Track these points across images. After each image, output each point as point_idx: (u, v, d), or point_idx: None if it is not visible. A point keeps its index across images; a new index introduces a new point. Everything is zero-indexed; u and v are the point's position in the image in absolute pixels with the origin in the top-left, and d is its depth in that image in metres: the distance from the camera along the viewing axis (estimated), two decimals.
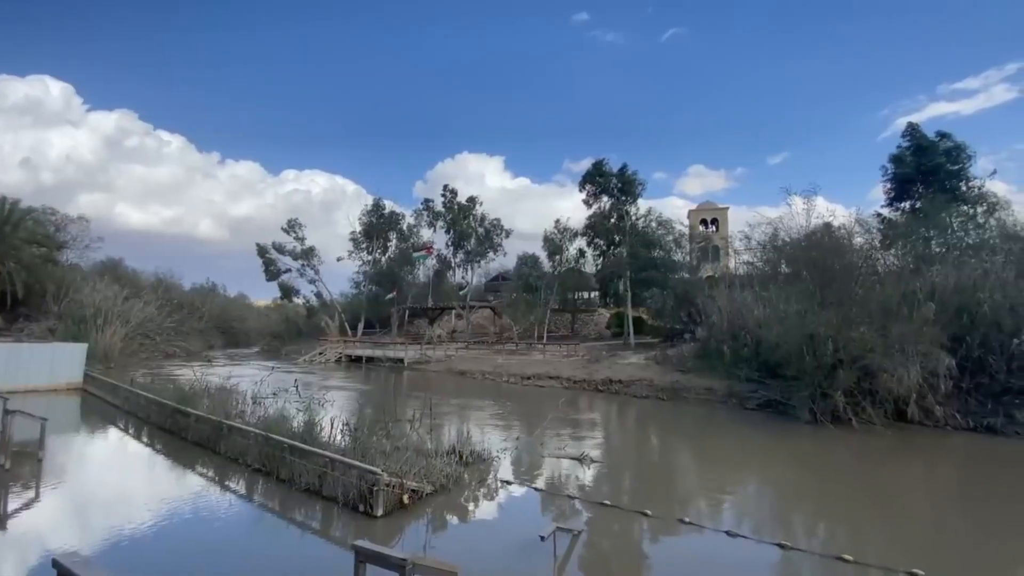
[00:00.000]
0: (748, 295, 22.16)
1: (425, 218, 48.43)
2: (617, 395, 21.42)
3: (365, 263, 48.31)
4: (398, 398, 18.81)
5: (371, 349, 35.26)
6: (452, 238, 46.73)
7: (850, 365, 14.13)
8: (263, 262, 46.09)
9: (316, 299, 48.98)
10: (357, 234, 47.98)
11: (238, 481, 9.30)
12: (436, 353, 33.25)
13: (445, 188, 47.46)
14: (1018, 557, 6.92)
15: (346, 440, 9.38)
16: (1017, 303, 14.71)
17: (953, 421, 13.83)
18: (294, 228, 46.37)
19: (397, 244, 48.77)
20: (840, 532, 7.70)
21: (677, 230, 35.89)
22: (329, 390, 20.53)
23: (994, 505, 9.09)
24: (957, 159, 26.74)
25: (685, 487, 10.36)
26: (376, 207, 48.19)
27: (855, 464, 11.76)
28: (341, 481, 7.73)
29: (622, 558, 6.96)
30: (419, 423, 10.77)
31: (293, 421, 10.22)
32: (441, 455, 9.29)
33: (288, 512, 8.03)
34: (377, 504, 7.18)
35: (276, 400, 14.41)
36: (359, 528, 7.13)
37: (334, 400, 16.79)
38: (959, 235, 21.01)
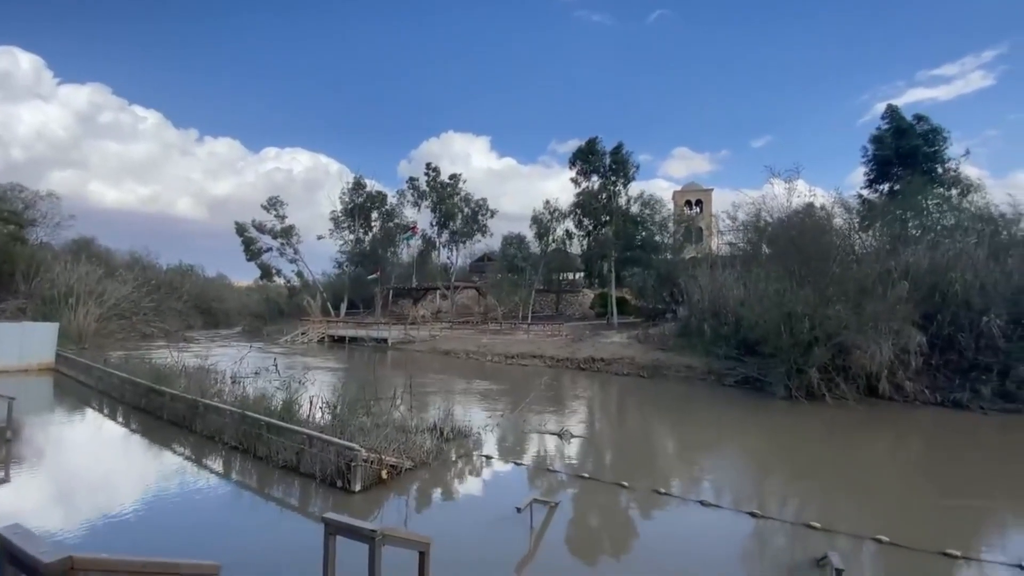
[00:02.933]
0: (729, 275, 22.43)
1: (409, 197, 47.76)
2: (599, 373, 21.66)
3: (347, 243, 47.60)
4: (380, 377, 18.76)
5: (354, 329, 35.00)
6: (437, 217, 46.23)
7: (825, 342, 14.47)
8: (242, 241, 45.10)
9: (298, 279, 48.27)
10: (338, 213, 47.16)
11: (215, 459, 9.23)
12: (420, 333, 33.17)
13: (428, 166, 46.76)
14: (975, 523, 7.21)
15: (325, 418, 9.34)
16: (987, 283, 15.12)
17: (922, 396, 14.29)
18: (275, 206, 45.33)
19: (380, 224, 48.09)
20: (811, 501, 7.93)
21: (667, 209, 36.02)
22: (310, 370, 20.35)
23: (956, 476, 9.46)
24: (933, 142, 27.15)
25: (663, 460, 10.58)
26: (358, 185, 47.31)
27: (827, 437, 12.12)
28: (319, 458, 7.70)
29: (598, 527, 7.10)
30: (400, 401, 10.75)
31: (272, 400, 10.14)
32: (422, 432, 9.31)
33: (266, 489, 8.00)
34: (355, 480, 7.18)
35: (256, 379, 14.32)
36: (337, 503, 7.14)
37: (315, 379, 16.66)
38: (935, 216, 21.42)
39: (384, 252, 47.12)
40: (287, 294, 48.88)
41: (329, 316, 42.51)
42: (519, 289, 39.23)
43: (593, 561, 6.10)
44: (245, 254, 45.37)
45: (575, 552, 6.26)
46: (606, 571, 5.91)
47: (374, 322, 37.84)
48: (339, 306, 46.12)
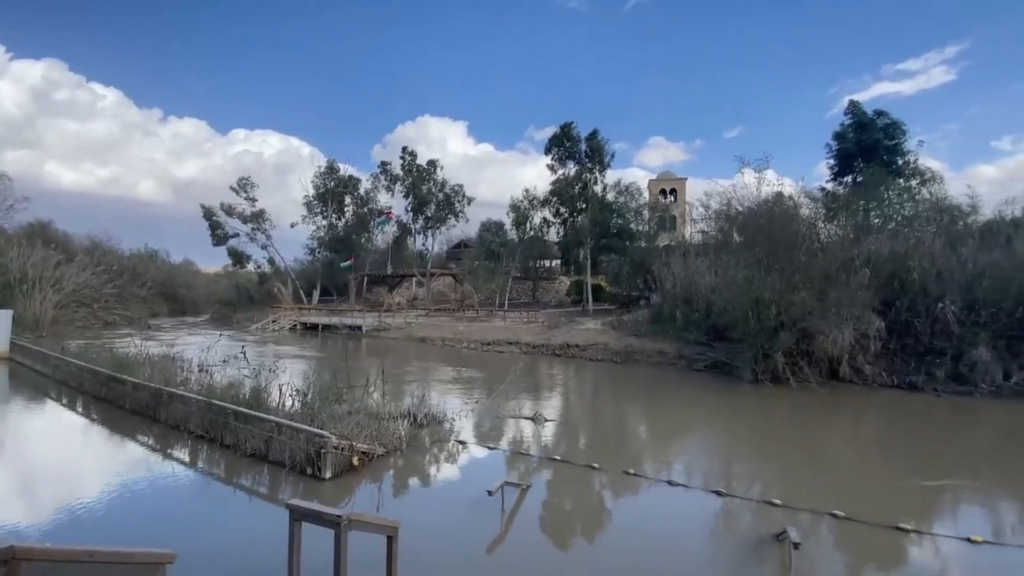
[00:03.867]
0: (701, 263, 22.88)
1: (383, 182, 46.94)
2: (574, 359, 21.91)
3: (320, 228, 46.64)
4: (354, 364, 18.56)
5: (327, 317, 34.45)
6: (412, 203, 45.61)
7: (790, 328, 14.96)
8: (209, 225, 43.70)
9: (269, 265, 47.13)
10: (311, 198, 46.08)
11: (181, 448, 9.03)
12: (395, 320, 32.88)
13: (404, 150, 45.96)
14: (926, 499, 7.61)
15: (295, 406, 9.21)
16: (943, 270, 15.81)
17: (880, 379, 14.94)
18: (244, 188, 43.93)
19: (354, 209, 47.20)
20: (774, 480, 8.23)
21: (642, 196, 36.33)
22: (282, 357, 20.04)
23: (910, 454, 9.93)
24: (893, 135, 28.08)
25: (634, 442, 10.81)
26: (331, 170, 46.24)
27: (790, 419, 12.58)
28: (288, 445, 7.60)
29: (568, 508, 7.23)
30: (374, 387, 10.67)
31: (241, 388, 9.93)
32: (395, 418, 9.27)
33: (233, 477, 7.87)
34: (325, 467, 7.12)
35: (224, 367, 14.00)
36: (307, 490, 7.07)
37: (286, 367, 16.38)
38: (895, 207, 22.21)
39: (358, 238, 46.38)
40: (257, 281, 47.74)
41: (301, 303, 41.74)
42: (496, 276, 39.18)
43: (563, 540, 6.22)
44: (212, 239, 44.03)
45: (546, 532, 6.37)
46: (576, 549, 6.03)
47: (348, 309, 37.32)
48: (312, 293, 45.31)
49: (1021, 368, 13.96)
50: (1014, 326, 14.44)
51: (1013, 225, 18.15)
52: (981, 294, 15.12)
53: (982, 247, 16.59)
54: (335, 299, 45.39)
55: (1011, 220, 18.90)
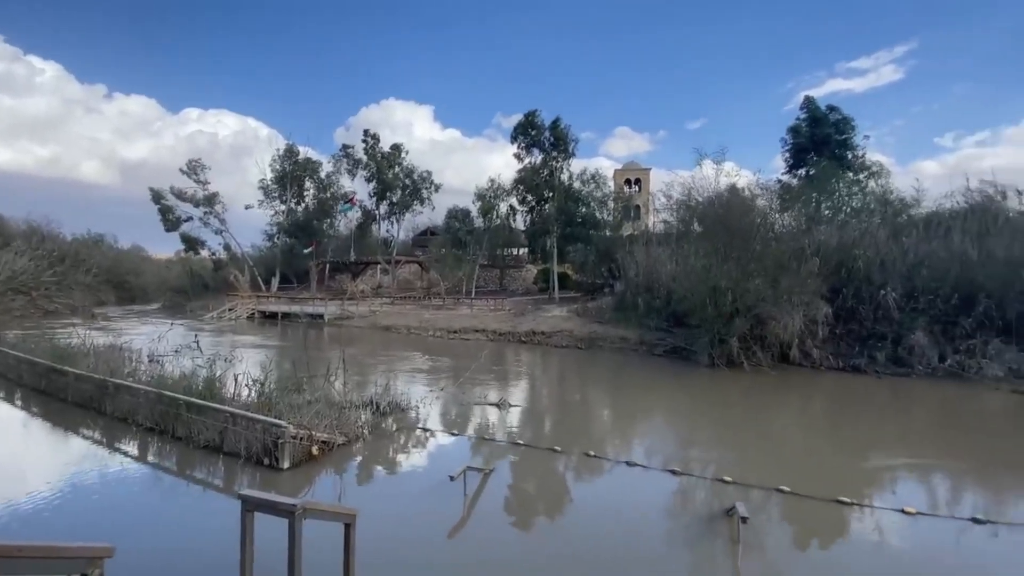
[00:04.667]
0: (663, 252, 23.41)
1: (345, 166, 45.62)
2: (539, 346, 22.11)
3: (279, 213, 45.03)
4: (316, 353, 18.16)
5: (287, 305, 33.46)
6: (376, 188, 44.57)
7: (745, 314, 15.57)
8: (159, 209, 41.47)
9: (224, 251, 45.25)
10: (268, 182, 44.36)
11: (129, 442, 8.67)
12: (359, 309, 32.28)
13: (366, 133, 44.70)
14: (866, 473, 8.13)
15: (252, 396, 8.95)
16: (886, 260, 16.73)
17: (827, 362, 15.74)
18: (195, 170, 41.82)
19: (315, 193, 45.76)
20: (727, 458, 8.59)
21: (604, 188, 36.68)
22: (239, 347, 19.40)
23: (852, 432, 10.55)
24: (843, 131, 29.40)
25: (596, 426, 11.04)
26: (290, 152, 44.58)
27: (743, 401, 13.14)
28: (244, 436, 7.39)
29: (530, 490, 7.35)
30: (335, 376, 10.47)
31: (194, 378, 9.57)
32: (357, 406, 9.15)
33: (186, 470, 7.62)
34: (283, 457, 6.98)
35: (176, 358, 13.45)
36: (265, 481, 6.92)
37: (243, 357, 15.88)
38: (844, 199, 23.29)
39: (319, 223, 45.05)
40: (212, 267, 45.78)
41: (259, 291, 40.37)
42: (463, 264, 38.94)
43: (524, 522, 6.33)
44: (163, 223, 41.85)
45: (507, 514, 6.45)
46: (537, 530, 6.15)
47: (309, 297, 36.36)
48: (270, 280, 43.86)
49: (955, 352, 14.95)
50: (949, 312, 15.45)
51: (952, 217, 19.32)
52: (920, 282, 16.09)
53: (923, 238, 17.61)
54: (295, 287, 44.12)
55: (950, 213, 20.11)
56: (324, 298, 34.78)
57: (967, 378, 14.09)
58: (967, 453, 8.98)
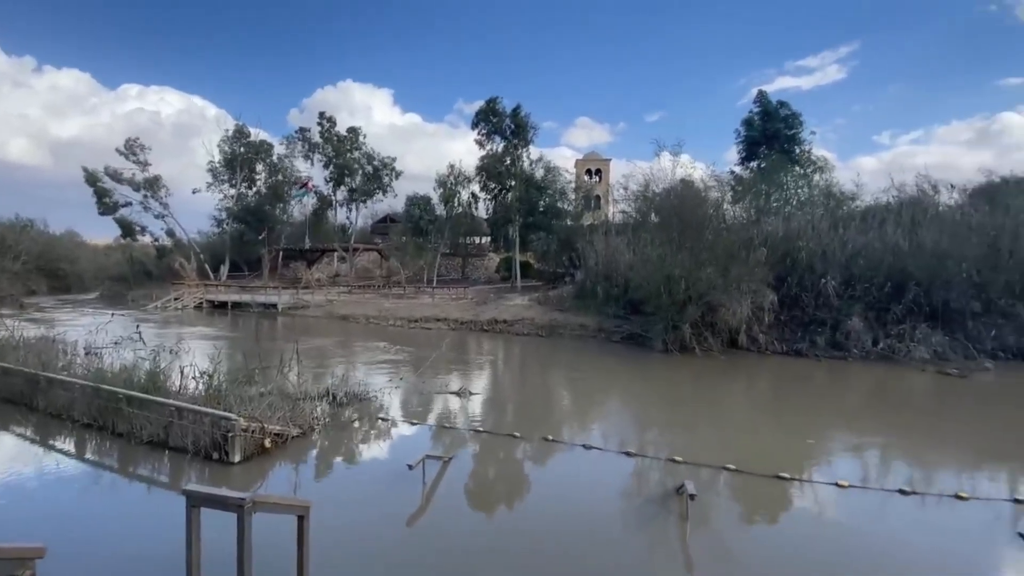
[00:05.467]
0: (621, 241, 23.94)
1: (300, 149, 43.92)
2: (501, 334, 22.22)
3: (228, 198, 42.95)
4: (269, 344, 17.59)
5: (238, 294, 32.13)
6: (333, 173, 43.19)
7: (697, 301, 16.20)
8: (95, 192, 38.76)
9: (168, 237, 42.87)
10: (217, 164, 42.19)
11: (64, 439, 8.19)
12: (315, 298, 31.37)
13: (322, 116, 43.16)
14: (805, 450, 8.66)
15: (199, 388, 8.59)
16: (827, 250, 17.71)
17: (772, 347, 16.61)
18: (134, 151, 39.26)
19: (267, 177, 43.87)
20: (679, 439, 8.95)
21: (564, 178, 36.96)
22: (185, 338, 18.52)
23: (793, 411, 11.24)
24: (792, 125, 30.75)
25: (555, 411, 11.26)
26: (240, 134, 42.48)
27: (695, 384, 13.71)
28: (191, 430, 7.10)
29: (490, 476, 7.44)
30: (288, 367, 10.18)
31: (136, 371, 9.08)
32: (312, 397, 8.95)
33: (129, 467, 7.27)
34: (233, 450, 6.75)
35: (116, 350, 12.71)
36: (214, 476, 6.69)
37: (190, 348, 15.17)
38: (791, 191, 24.44)
39: (272, 209, 43.29)
40: (156, 254, 43.32)
41: (208, 279, 38.56)
42: (424, 252, 38.43)
43: (484, 507, 6.41)
44: (98, 207, 39.19)
45: (467, 501, 6.52)
46: (496, 514, 6.24)
47: (262, 286, 35.01)
48: (219, 268, 41.97)
49: (887, 336, 16.07)
50: (882, 299, 16.56)
51: (887, 211, 20.62)
52: (857, 271, 17.15)
53: (860, 230, 18.73)
54: (247, 275, 42.39)
55: (886, 206, 21.46)
56: (278, 287, 33.60)
57: (897, 360, 15.18)
58: (896, 429, 9.71)
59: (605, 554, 5.18)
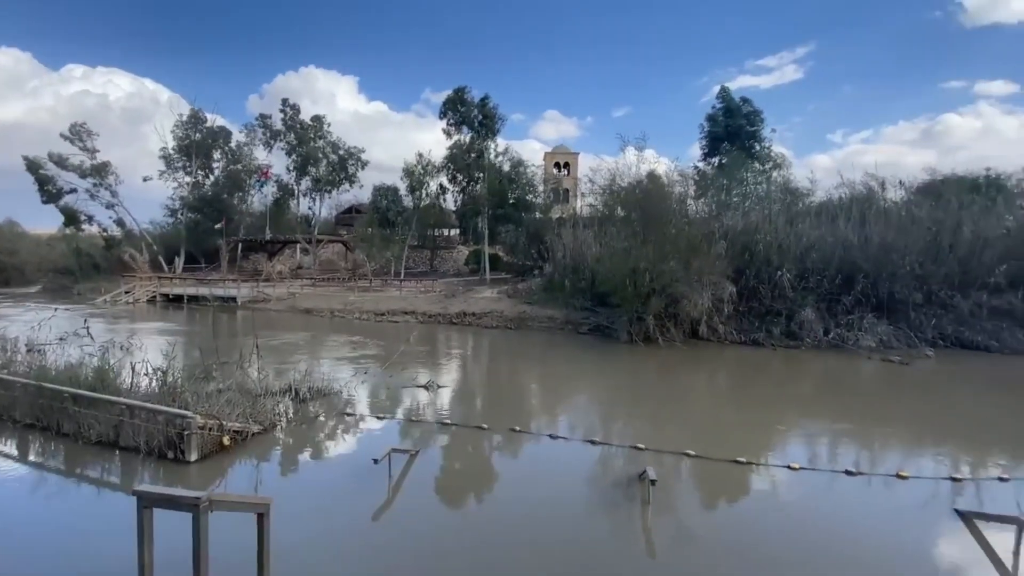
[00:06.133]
0: (589, 234, 24.23)
1: (261, 136, 42.34)
2: (470, 327, 22.17)
3: (183, 186, 41.05)
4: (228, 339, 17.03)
5: (194, 287, 30.84)
6: (296, 162, 41.84)
7: (660, 293, 16.61)
8: (37, 180, 36.35)
9: (118, 228, 40.66)
10: (170, 151, 40.22)
11: (5, 441, 7.76)
12: (277, 291, 30.47)
13: (285, 103, 41.70)
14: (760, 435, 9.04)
15: (153, 385, 8.24)
16: (784, 244, 18.41)
17: (731, 337, 17.21)
18: (80, 136, 36.95)
19: (225, 165, 42.13)
20: (642, 427, 9.20)
21: (531, 171, 37.03)
22: (138, 334, 17.73)
23: (749, 398, 11.70)
24: (754, 122, 31.76)
25: (522, 402, 11.37)
26: (196, 119, 40.58)
27: (658, 374, 14.10)
28: (144, 429, 6.81)
29: (457, 468, 7.47)
30: (248, 362, 9.88)
31: (83, 368, 8.63)
32: (273, 393, 8.72)
33: (77, 469, 6.93)
34: (190, 449, 6.52)
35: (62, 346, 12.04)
36: (170, 476, 6.46)
37: (143, 344, 14.54)
38: (751, 187, 25.26)
39: (231, 198, 41.65)
40: (104, 245, 41.03)
41: (162, 272, 36.88)
42: (391, 244, 37.80)
43: (451, 498, 6.43)
44: (41, 195, 36.80)
45: (434, 493, 6.52)
46: (464, 506, 6.27)
47: (220, 278, 33.71)
48: (174, 260, 40.17)
49: (837, 326, 16.88)
50: (833, 291, 17.37)
51: (838, 206, 21.59)
52: (811, 264, 17.92)
53: (814, 224, 19.56)
54: (204, 267, 40.75)
55: (838, 202, 22.47)
56: (237, 279, 32.42)
57: (846, 349, 15.99)
58: (844, 415, 10.24)
59: (571, 540, 5.30)
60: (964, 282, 16.97)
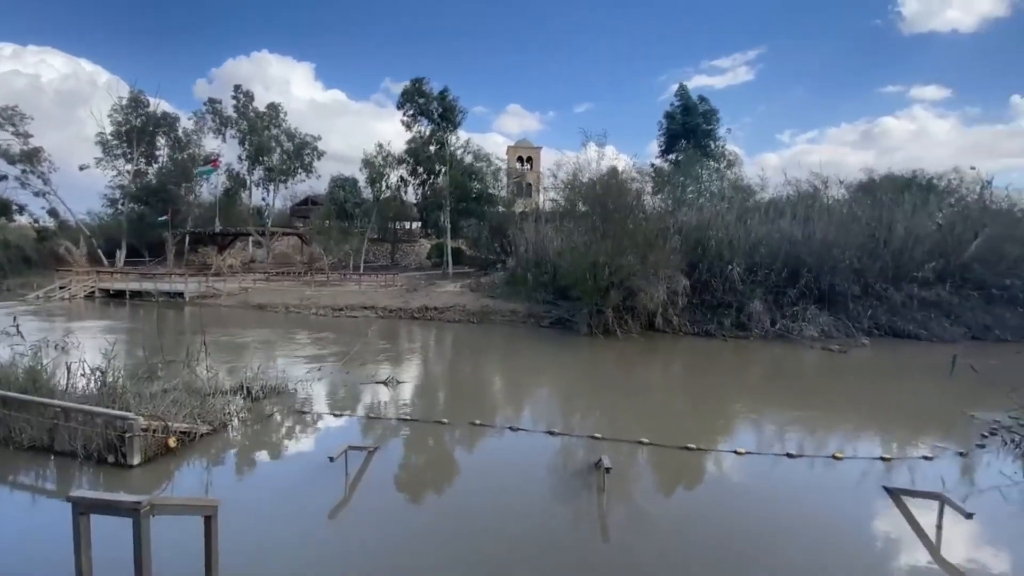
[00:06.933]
0: (551, 229, 24.48)
1: (210, 123, 40.37)
2: (432, 321, 22.03)
3: (123, 175, 38.70)
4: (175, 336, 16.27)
5: (138, 282, 29.22)
6: (248, 151, 40.15)
7: (619, 287, 17.05)
8: None
9: (51, 218, 37.98)
10: (109, 136, 37.78)
11: None
12: (228, 286, 29.25)
13: (237, 89, 39.91)
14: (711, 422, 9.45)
15: (92, 387, 7.79)
16: (734, 239, 19.18)
17: (685, 328, 17.88)
18: (11, 120, 34.23)
19: (170, 153, 39.97)
20: (601, 417, 9.44)
21: (495, 165, 36.93)
22: (75, 332, 16.70)
23: (701, 386, 12.20)
24: (710, 121, 32.80)
25: (484, 396, 11.42)
26: (137, 103, 38.25)
27: (616, 364, 14.48)
28: (81, 432, 6.44)
29: (416, 463, 7.44)
30: (196, 360, 9.48)
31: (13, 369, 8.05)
32: (224, 392, 8.42)
33: (8, 476, 6.48)
34: (132, 452, 6.22)
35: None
36: (110, 481, 6.14)
37: (81, 343, 13.71)
38: (705, 184, 26.14)
39: (178, 188, 39.61)
40: (36, 237, 38.23)
41: (101, 266, 34.73)
42: (350, 237, 36.92)
43: (411, 493, 6.41)
44: None
45: (393, 489, 6.47)
46: (424, 500, 6.26)
47: (166, 273, 32.09)
48: (115, 254, 37.90)
49: (783, 317, 17.77)
50: (780, 284, 18.28)
51: (785, 204, 22.66)
52: (759, 258, 18.79)
53: (763, 220, 20.46)
54: (148, 261, 38.63)
55: (786, 199, 23.57)
56: (184, 274, 30.94)
57: (791, 339, 16.87)
58: (787, 401, 10.84)
59: (531, 529, 5.39)
60: (897, 276, 18.20)
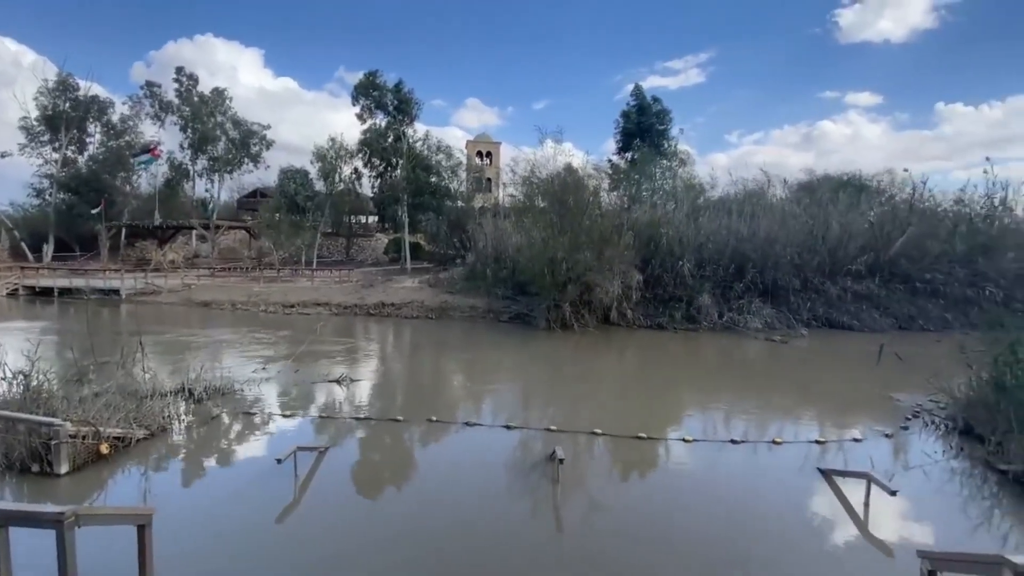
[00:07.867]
0: (509, 224, 24.55)
1: (148, 108, 37.95)
2: (389, 317, 21.68)
3: (50, 163, 35.84)
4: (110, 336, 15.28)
5: (68, 278, 27.21)
6: (191, 139, 38.00)
7: (576, 282, 17.39)
8: None
9: None
10: (34, 121, 34.88)
11: None
12: (169, 282, 27.70)
13: (180, 72, 37.65)
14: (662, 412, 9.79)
15: (13, 391, 7.20)
16: (684, 236, 19.89)
17: (639, 321, 18.44)
18: None
19: (103, 140, 37.31)
20: (558, 410, 9.55)
21: (455, 158, 36.57)
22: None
23: (653, 377, 12.60)
24: (663, 121, 33.75)
25: (441, 392, 11.36)
26: (66, 86, 35.45)
27: (573, 358, 14.73)
28: (2, 440, 5.95)
29: (371, 462, 7.32)
30: (132, 361, 8.93)
31: None
32: (163, 395, 7.98)
33: None
34: (59, 460, 5.80)
35: None
36: (34, 492, 5.70)
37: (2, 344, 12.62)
38: (658, 182, 26.88)
39: (112, 178, 37.06)
40: None
41: (26, 261, 32.10)
42: (302, 231, 35.67)
43: (365, 494, 6.30)
44: None
45: (346, 490, 6.34)
46: (379, 499, 6.17)
47: (100, 268, 30.01)
48: (42, 248, 35.12)
49: (730, 310, 18.60)
50: (727, 279, 19.12)
51: (733, 202, 23.64)
52: (707, 254, 19.59)
53: (712, 218, 21.29)
54: (79, 256, 36.00)
55: (733, 198, 24.58)
56: (120, 269, 29.03)
57: (737, 330, 17.68)
58: (732, 389, 11.34)
59: (487, 525, 5.41)
60: (833, 270, 19.39)
